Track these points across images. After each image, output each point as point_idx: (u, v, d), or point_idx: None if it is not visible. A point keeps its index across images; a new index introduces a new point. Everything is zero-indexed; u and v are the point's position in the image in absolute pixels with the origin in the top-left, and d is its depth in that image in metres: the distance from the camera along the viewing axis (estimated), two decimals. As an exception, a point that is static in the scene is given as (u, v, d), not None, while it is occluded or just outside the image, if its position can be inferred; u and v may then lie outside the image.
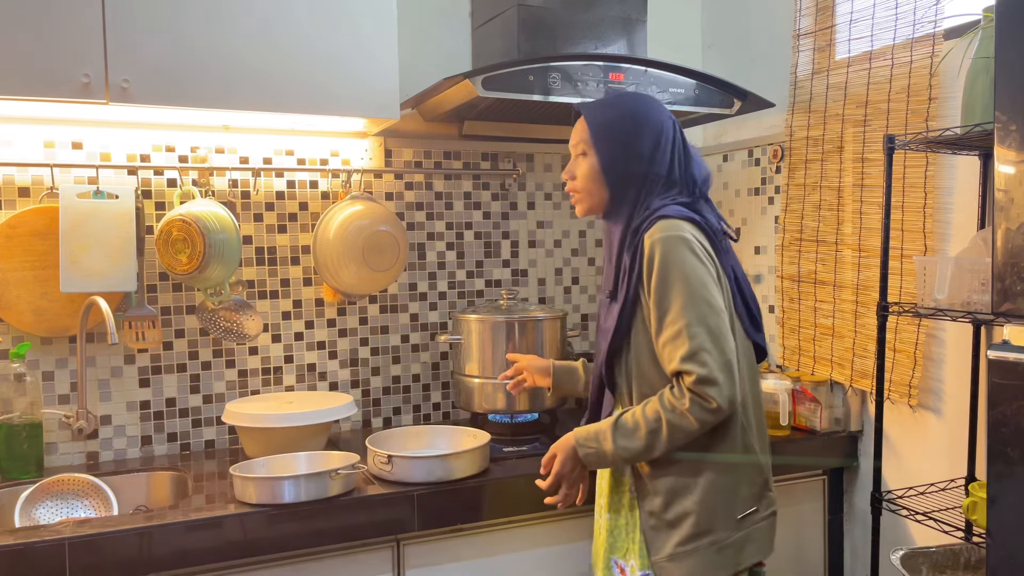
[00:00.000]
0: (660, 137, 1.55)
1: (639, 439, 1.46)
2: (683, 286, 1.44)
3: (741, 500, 1.51)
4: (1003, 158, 1.25)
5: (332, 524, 1.64)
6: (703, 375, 1.40)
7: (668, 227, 1.47)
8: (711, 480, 1.49)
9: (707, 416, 1.42)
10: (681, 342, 1.42)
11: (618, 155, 1.54)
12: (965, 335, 1.82)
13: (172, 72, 1.75)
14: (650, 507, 1.51)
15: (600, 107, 1.59)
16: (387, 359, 2.31)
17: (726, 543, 1.48)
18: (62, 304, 1.93)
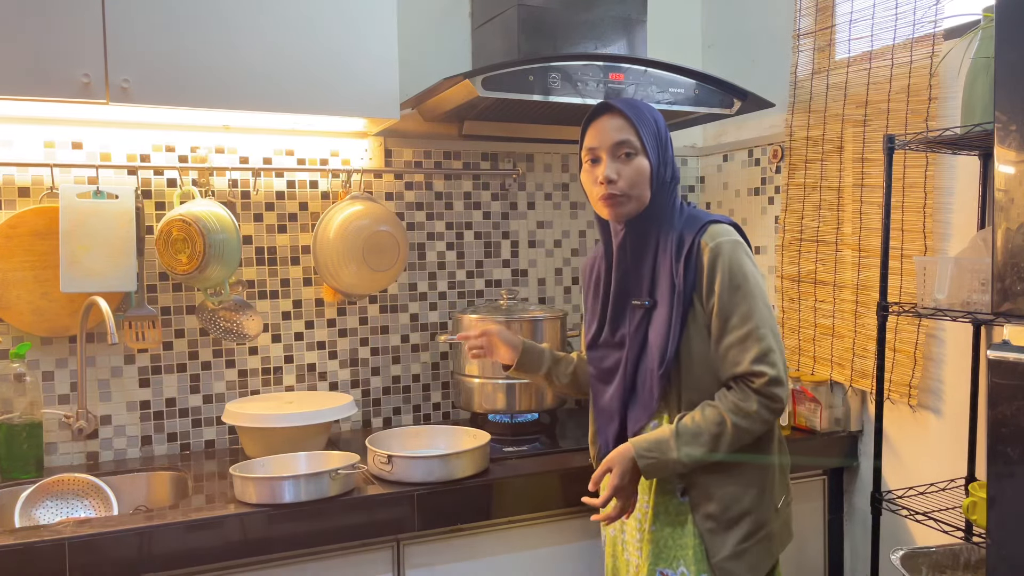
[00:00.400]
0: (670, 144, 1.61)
1: (702, 444, 1.46)
2: (748, 289, 1.48)
3: (778, 490, 1.58)
4: (1003, 158, 1.25)
5: (332, 524, 1.64)
6: (774, 376, 1.44)
7: (724, 232, 1.52)
8: (762, 476, 1.54)
9: (772, 417, 1.47)
10: (751, 344, 1.45)
11: (661, 159, 1.56)
12: (965, 335, 1.82)
13: (172, 72, 1.75)
14: (707, 510, 1.51)
15: (643, 108, 1.58)
16: (387, 359, 2.31)
17: (772, 533, 1.55)
18: (62, 304, 1.93)
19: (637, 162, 1.53)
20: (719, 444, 1.46)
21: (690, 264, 1.51)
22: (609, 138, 1.54)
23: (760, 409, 1.45)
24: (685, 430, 1.47)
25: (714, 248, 1.49)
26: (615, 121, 1.54)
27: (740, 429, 1.46)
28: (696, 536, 1.51)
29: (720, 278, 1.48)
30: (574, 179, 2.53)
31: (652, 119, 1.57)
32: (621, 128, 1.54)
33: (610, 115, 1.56)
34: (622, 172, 1.53)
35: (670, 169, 1.58)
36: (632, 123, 1.53)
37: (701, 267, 1.50)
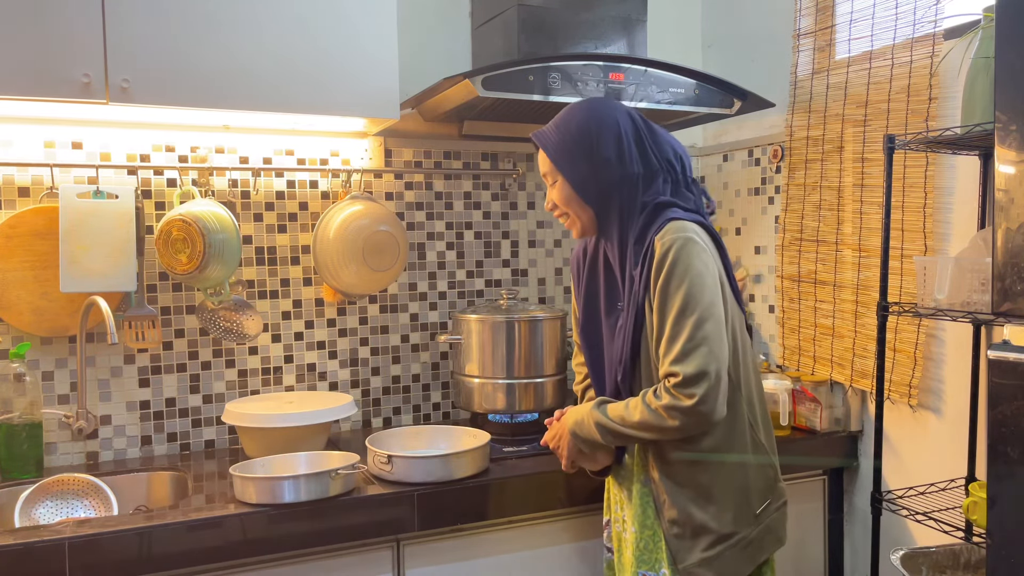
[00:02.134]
0: (620, 136, 1.51)
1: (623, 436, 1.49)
2: (687, 288, 1.42)
3: (756, 496, 1.53)
4: (1003, 158, 1.25)
5: (332, 524, 1.64)
6: (688, 375, 1.38)
7: (679, 228, 1.45)
8: (727, 482, 1.49)
9: (683, 417, 1.40)
10: (675, 345, 1.41)
11: (585, 172, 1.52)
12: (965, 335, 1.82)
13: (172, 72, 1.75)
14: (671, 516, 1.50)
15: (553, 130, 1.56)
16: (387, 359, 2.31)
17: (749, 539, 1.50)
18: (62, 304, 1.93)
19: (559, 186, 1.56)
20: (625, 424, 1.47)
21: (645, 264, 1.48)
22: (541, 170, 1.62)
23: (668, 407, 1.40)
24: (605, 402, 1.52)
25: (664, 244, 1.44)
26: (540, 154, 1.59)
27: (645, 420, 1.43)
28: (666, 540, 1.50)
29: (664, 275, 1.43)
30: (574, 179, 2.53)
31: (565, 133, 1.53)
32: (542, 160, 1.59)
33: (538, 149, 1.60)
34: (554, 198, 1.59)
35: (609, 171, 1.51)
36: (544, 151, 1.56)
37: (652, 267, 1.46)
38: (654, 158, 1.53)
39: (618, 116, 1.53)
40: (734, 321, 1.52)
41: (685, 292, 1.41)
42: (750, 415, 1.53)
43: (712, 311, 1.42)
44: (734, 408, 1.49)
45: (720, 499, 1.49)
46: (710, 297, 1.43)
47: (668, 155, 1.54)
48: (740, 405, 1.51)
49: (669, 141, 1.56)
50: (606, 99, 1.60)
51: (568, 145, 1.53)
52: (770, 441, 1.58)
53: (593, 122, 1.52)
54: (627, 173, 1.51)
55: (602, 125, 1.52)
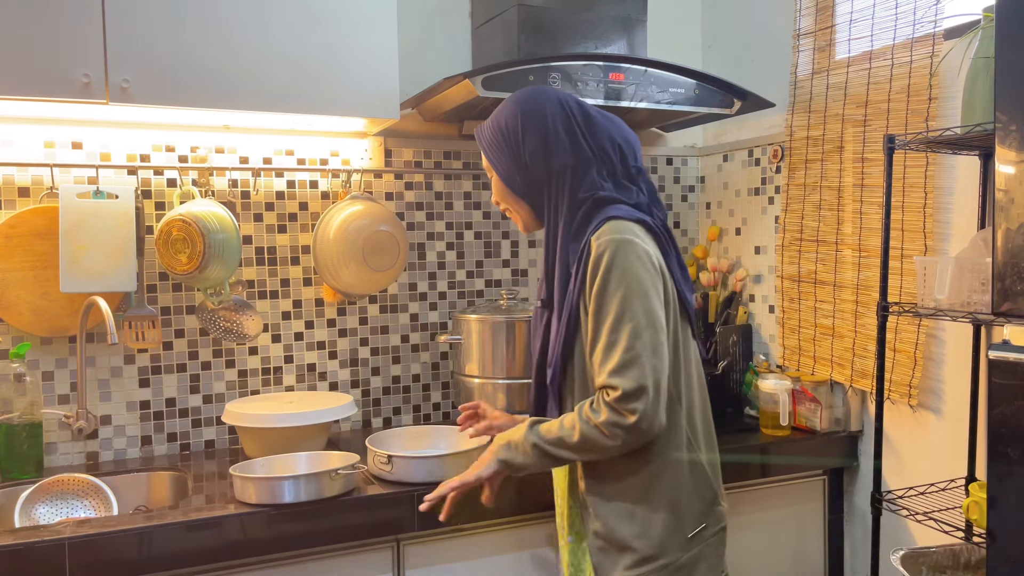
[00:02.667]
0: (546, 126, 1.45)
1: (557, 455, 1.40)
2: (624, 294, 1.34)
3: (690, 518, 1.43)
4: (1003, 158, 1.25)
5: (332, 524, 1.64)
6: (628, 390, 1.31)
7: (616, 229, 1.37)
8: (659, 500, 1.41)
9: (624, 435, 1.33)
10: (612, 355, 1.33)
11: (511, 166, 1.49)
12: (965, 335, 1.82)
13: (172, 72, 1.75)
14: (595, 529, 1.44)
15: (485, 125, 1.54)
16: (387, 359, 2.31)
17: (678, 565, 1.41)
18: (62, 304, 1.93)
19: (495, 181, 1.55)
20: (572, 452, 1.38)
21: (580, 265, 1.41)
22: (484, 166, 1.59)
23: (608, 424, 1.33)
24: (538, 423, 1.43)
25: (600, 246, 1.37)
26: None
27: (586, 439, 1.35)
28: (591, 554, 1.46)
29: (600, 279, 1.36)
30: (574, 179, 2.53)
31: (494, 129, 1.50)
32: (481, 156, 1.57)
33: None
34: (494, 193, 1.58)
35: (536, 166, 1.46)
36: (481, 148, 1.55)
37: (587, 267, 1.39)
38: (586, 148, 1.45)
39: (547, 106, 1.46)
40: (677, 330, 1.44)
41: (621, 299, 1.34)
42: (689, 431, 1.44)
43: (651, 319, 1.34)
44: (672, 422, 1.41)
45: (647, 518, 1.40)
46: (648, 304, 1.35)
47: (603, 144, 1.45)
48: (679, 419, 1.43)
49: (607, 128, 1.47)
50: (539, 88, 1.52)
51: (496, 139, 1.50)
52: (712, 460, 1.50)
53: (519, 115, 1.47)
54: (555, 166, 1.45)
55: (528, 117, 1.46)
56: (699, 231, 2.70)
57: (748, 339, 2.42)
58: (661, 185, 2.65)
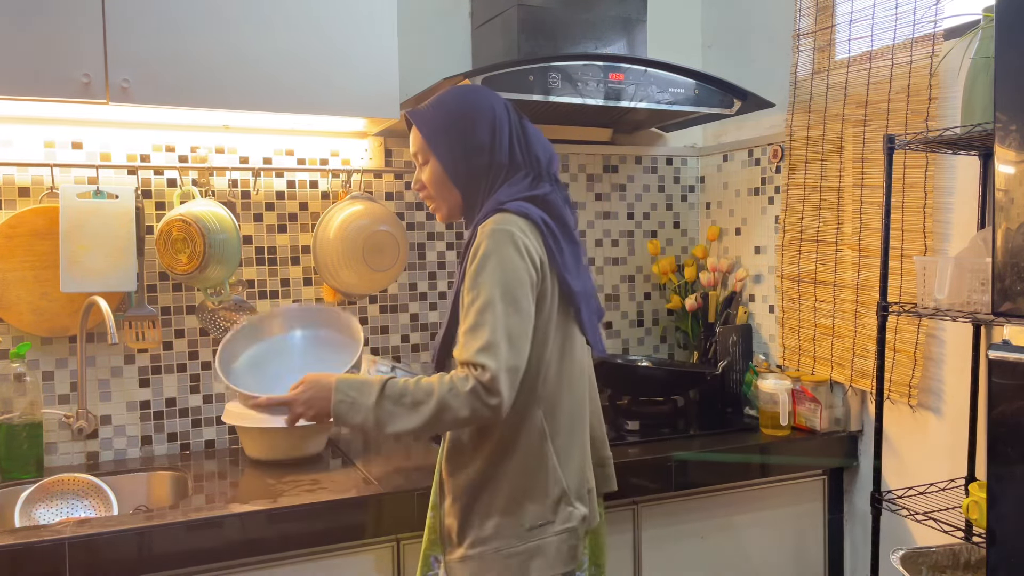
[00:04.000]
0: (495, 124, 1.48)
1: (403, 405, 1.36)
2: (496, 279, 1.36)
3: (532, 512, 1.43)
4: (1003, 158, 1.25)
5: (332, 524, 1.64)
6: (494, 370, 1.32)
7: (500, 220, 1.41)
8: (501, 486, 1.43)
9: (482, 410, 1.33)
10: (479, 334, 1.34)
11: (458, 154, 1.49)
12: (965, 335, 1.82)
13: (172, 72, 1.75)
14: (446, 506, 1.48)
15: (429, 109, 1.52)
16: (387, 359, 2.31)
17: (513, 551, 1.41)
18: (62, 304, 1.93)
19: (430, 165, 1.52)
20: (418, 412, 1.35)
21: (468, 251, 1.44)
22: (411, 149, 1.57)
23: (471, 396, 1.32)
24: (393, 385, 1.38)
25: (482, 233, 1.40)
26: (413, 132, 1.55)
27: (444, 406, 1.33)
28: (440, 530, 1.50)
29: (475, 264, 1.38)
30: (573, 179, 2.53)
31: (443, 113, 1.50)
32: (414, 138, 1.54)
33: (412, 126, 1.55)
34: (422, 179, 1.55)
35: (479, 157, 1.48)
36: (418, 128, 1.51)
37: (469, 251, 1.43)
38: (519, 152, 1.49)
39: (494, 104, 1.50)
40: (552, 323, 1.45)
41: (492, 283, 1.36)
42: (546, 425, 1.44)
43: (518, 306, 1.37)
44: (524, 413, 1.42)
45: (488, 502, 1.43)
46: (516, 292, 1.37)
47: (536, 151, 1.51)
48: (533, 411, 1.43)
49: (538, 138, 1.53)
50: (483, 87, 1.57)
51: (444, 125, 1.49)
52: (568, 457, 1.47)
53: (471, 106, 1.49)
54: (495, 162, 1.48)
55: (479, 110, 1.49)
56: (699, 231, 2.70)
57: (748, 339, 2.42)
58: (661, 185, 2.65)
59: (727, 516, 2.06)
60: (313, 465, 1.92)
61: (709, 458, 1.98)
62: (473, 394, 1.33)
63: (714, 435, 2.12)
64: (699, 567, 2.03)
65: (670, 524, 1.97)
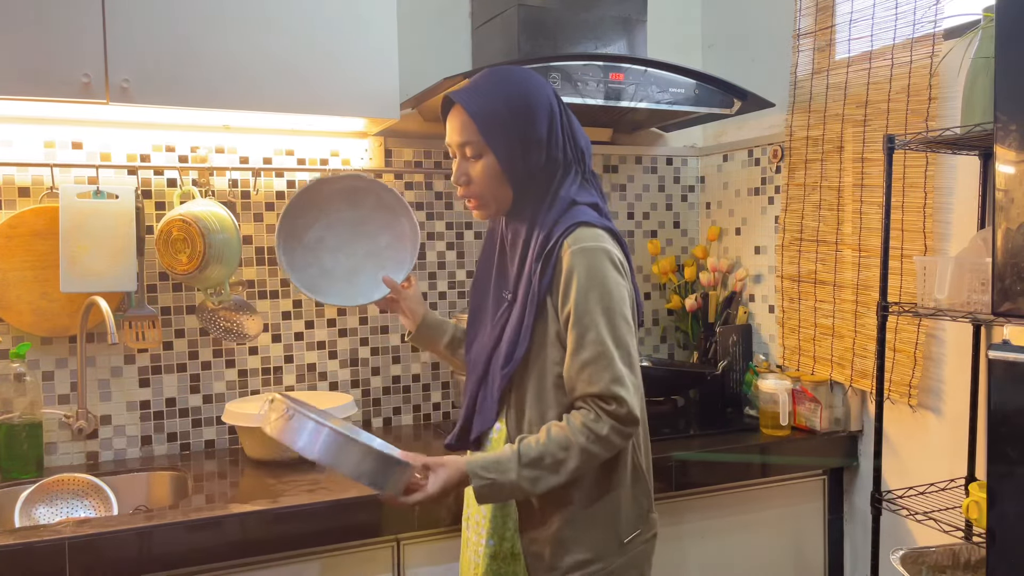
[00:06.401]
0: (551, 116, 1.39)
1: (544, 468, 1.30)
2: (605, 303, 1.33)
3: (627, 523, 1.42)
4: (1003, 158, 1.25)
5: (332, 524, 1.64)
6: (629, 402, 1.31)
7: (589, 237, 1.35)
8: (601, 505, 1.39)
9: (623, 443, 1.34)
10: (606, 364, 1.31)
11: (516, 149, 1.37)
12: (965, 335, 1.82)
13: (172, 72, 1.75)
14: (535, 533, 1.39)
15: (483, 96, 1.37)
16: (387, 359, 2.31)
17: (609, 570, 1.39)
18: (62, 304, 1.93)
19: (484, 161, 1.38)
20: (563, 469, 1.31)
21: (548, 264, 1.36)
22: (455, 138, 1.41)
23: (611, 434, 1.31)
24: (528, 450, 1.31)
25: (576, 252, 1.33)
26: (458, 118, 1.39)
27: (588, 454, 1.31)
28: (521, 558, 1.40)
29: (577, 286, 1.32)
30: (574, 179, 2.53)
31: (502, 103, 1.36)
32: (463, 127, 1.38)
33: (455, 110, 1.40)
34: (470, 174, 1.41)
35: (538, 153, 1.38)
36: (472, 118, 1.36)
37: (559, 270, 1.35)
38: (569, 147, 1.41)
39: (548, 93, 1.40)
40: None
41: (606, 309, 1.32)
42: (634, 437, 1.42)
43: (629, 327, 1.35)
44: None
45: (587, 521, 1.38)
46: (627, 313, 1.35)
47: (580, 144, 1.43)
48: None
49: (580, 128, 1.45)
50: (534, 72, 1.44)
51: (503, 117, 1.36)
52: (649, 467, 1.48)
53: (531, 96, 1.38)
54: (551, 157, 1.39)
55: (538, 100, 1.38)
56: (699, 231, 2.70)
57: (748, 339, 2.42)
58: (661, 185, 2.65)
59: (727, 516, 2.06)
60: (313, 465, 1.92)
61: (709, 458, 1.98)
62: (613, 433, 1.31)
63: (714, 435, 2.11)
64: (699, 567, 2.03)
65: (670, 524, 1.97)
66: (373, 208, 1.78)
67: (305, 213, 1.73)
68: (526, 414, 1.40)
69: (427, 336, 1.67)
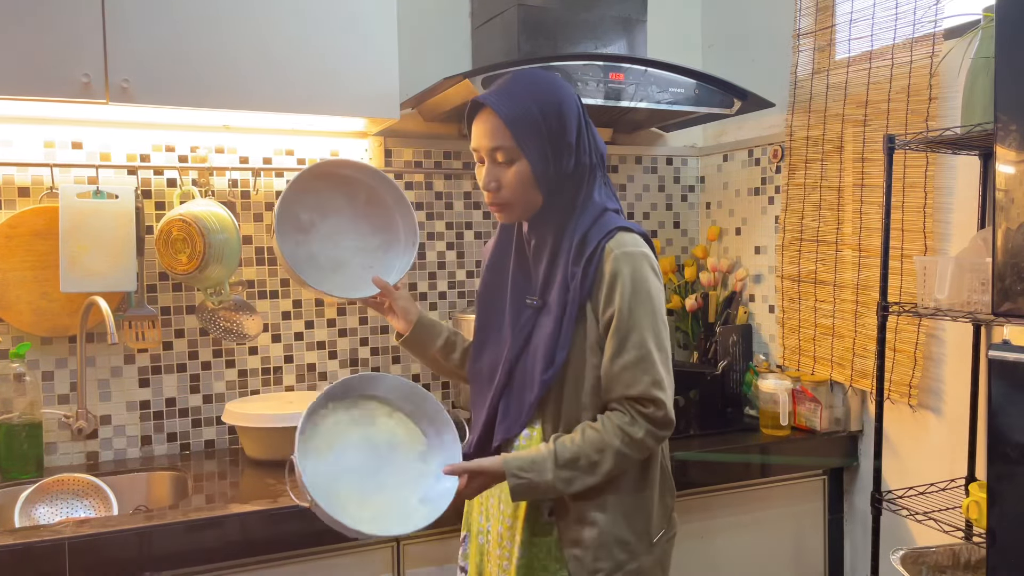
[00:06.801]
0: (579, 121, 1.38)
1: (579, 469, 1.32)
2: (649, 307, 1.34)
3: (656, 521, 1.43)
4: (1003, 158, 1.25)
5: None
6: (667, 405, 1.33)
7: (630, 242, 1.36)
8: (638, 506, 1.40)
9: (655, 446, 1.37)
10: (647, 367, 1.32)
11: (548, 154, 1.36)
12: (965, 335, 1.82)
13: (172, 72, 1.75)
14: (574, 536, 1.38)
15: (514, 100, 1.35)
16: (387, 359, 2.31)
17: (643, 568, 1.40)
18: (62, 304, 1.93)
19: (516, 167, 1.36)
20: (597, 470, 1.32)
21: (589, 269, 1.35)
22: (485, 143, 1.38)
23: (646, 437, 1.33)
24: (564, 450, 1.32)
25: (619, 257, 1.34)
26: (488, 122, 1.37)
27: (622, 456, 1.33)
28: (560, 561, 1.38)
29: (621, 291, 1.33)
30: (574, 179, 2.53)
31: (535, 107, 1.34)
32: (495, 131, 1.36)
33: (485, 113, 1.38)
34: (502, 179, 1.38)
35: (568, 158, 1.37)
36: (505, 123, 1.34)
37: (601, 274, 1.35)
38: (592, 151, 1.40)
39: (574, 97, 1.39)
40: None
41: (648, 313, 1.34)
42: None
43: (667, 330, 1.38)
44: None
45: (625, 522, 1.38)
46: (664, 318, 1.38)
47: (600, 148, 1.42)
48: None
49: (598, 134, 1.45)
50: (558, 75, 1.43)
51: (536, 122, 1.34)
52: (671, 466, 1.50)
53: (563, 100, 1.37)
54: (579, 163, 1.38)
55: (567, 104, 1.37)
56: (699, 231, 2.70)
57: (748, 339, 2.42)
58: (661, 185, 2.65)
59: (727, 516, 2.06)
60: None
61: (709, 458, 1.98)
62: (648, 436, 1.33)
63: (714, 435, 2.12)
64: (699, 567, 2.03)
65: (670, 524, 1.97)
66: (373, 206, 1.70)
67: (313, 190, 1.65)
68: (562, 421, 1.38)
69: (421, 339, 1.60)
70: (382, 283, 1.58)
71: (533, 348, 1.41)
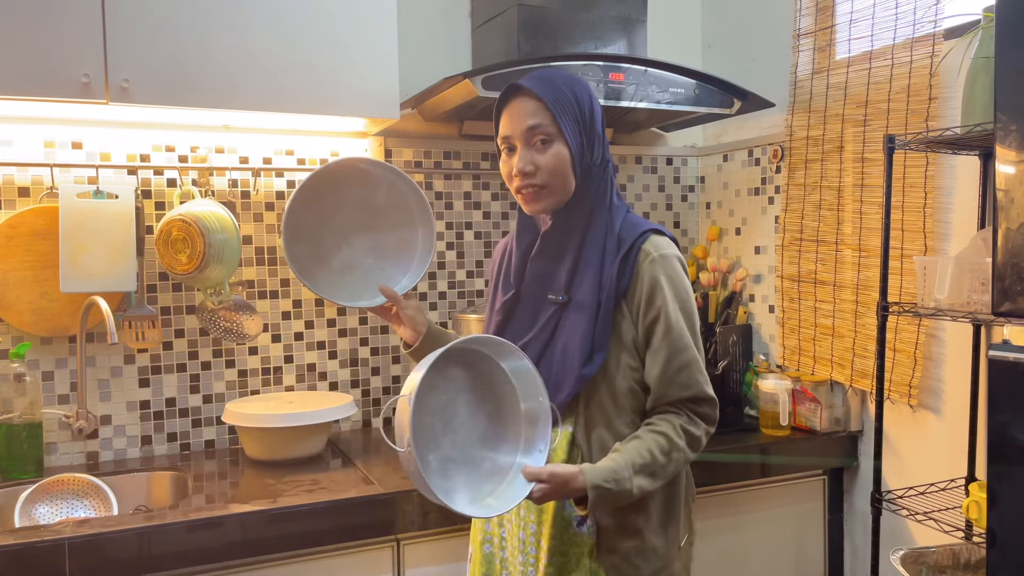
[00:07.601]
0: (601, 114, 1.42)
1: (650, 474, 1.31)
2: (689, 309, 1.38)
3: (683, 528, 1.44)
4: (1003, 158, 1.25)
5: (332, 524, 1.64)
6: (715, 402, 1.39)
7: (665, 245, 1.39)
8: (670, 511, 1.41)
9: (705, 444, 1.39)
10: (700, 368, 1.37)
11: (583, 141, 1.37)
12: (965, 335, 1.82)
13: (172, 72, 1.75)
14: (612, 542, 1.36)
15: (551, 85, 1.36)
16: (387, 359, 2.31)
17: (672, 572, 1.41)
18: (62, 304, 1.93)
19: (555, 149, 1.35)
20: (664, 473, 1.32)
21: (625, 268, 1.36)
22: (522, 124, 1.35)
23: (703, 436, 1.36)
24: (638, 457, 1.30)
25: (657, 260, 1.36)
26: (527, 104, 1.35)
27: (685, 458, 1.35)
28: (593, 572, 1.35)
29: (664, 294, 1.35)
30: (574, 179, 2.53)
31: (571, 95, 1.36)
32: (534, 112, 1.34)
33: (521, 97, 1.36)
34: (539, 162, 1.35)
35: (597, 149, 1.38)
36: (546, 104, 1.33)
37: (638, 275, 1.36)
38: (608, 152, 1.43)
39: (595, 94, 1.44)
40: None
41: (687, 315, 1.37)
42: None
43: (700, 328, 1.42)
44: None
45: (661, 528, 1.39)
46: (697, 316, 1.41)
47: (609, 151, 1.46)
48: None
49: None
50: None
51: (573, 108, 1.36)
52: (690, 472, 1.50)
53: (592, 95, 1.41)
54: (603, 158, 1.40)
55: (596, 100, 1.41)
56: (699, 231, 2.70)
57: (748, 339, 2.42)
58: (661, 185, 2.65)
59: (727, 516, 2.06)
60: (313, 465, 1.92)
61: (709, 458, 1.98)
62: (705, 435, 1.38)
63: (714, 435, 2.10)
64: (699, 567, 2.02)
65: (670, 524, 1.97)
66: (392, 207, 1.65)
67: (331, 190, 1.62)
68: (596, 419, 1.37)
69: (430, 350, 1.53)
70: (389, 292, 1.55)
71: (561, 346, 1.38)
